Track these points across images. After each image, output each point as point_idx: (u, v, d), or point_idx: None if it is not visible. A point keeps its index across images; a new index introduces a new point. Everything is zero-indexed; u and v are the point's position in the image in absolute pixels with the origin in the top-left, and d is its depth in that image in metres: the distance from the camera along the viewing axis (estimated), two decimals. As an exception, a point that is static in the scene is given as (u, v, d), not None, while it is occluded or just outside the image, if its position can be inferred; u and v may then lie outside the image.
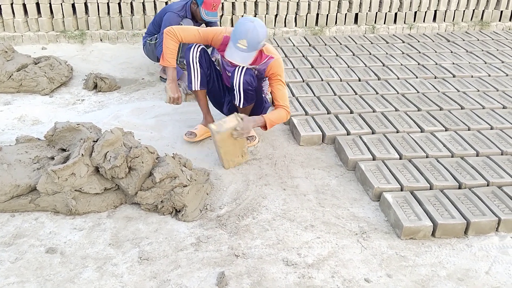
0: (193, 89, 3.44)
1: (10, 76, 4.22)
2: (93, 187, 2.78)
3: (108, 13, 5.52)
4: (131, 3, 5.50)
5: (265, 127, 3.26)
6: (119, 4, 5.50)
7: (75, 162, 2.72)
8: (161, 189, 2.78)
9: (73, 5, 5.47)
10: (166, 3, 5.60)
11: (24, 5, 5.37)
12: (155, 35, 4.48)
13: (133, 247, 2.54)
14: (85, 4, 5.47)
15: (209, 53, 3.53)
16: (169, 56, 3.33)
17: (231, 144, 3.16)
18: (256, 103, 3.41)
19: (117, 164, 2.73)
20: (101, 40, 5.56)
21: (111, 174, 2.77)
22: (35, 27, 5.46)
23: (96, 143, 2.82)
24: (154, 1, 5.55)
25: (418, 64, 4.97)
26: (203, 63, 3.38)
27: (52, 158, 2.92)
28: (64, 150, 3.00)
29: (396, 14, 6.12)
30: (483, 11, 6.33)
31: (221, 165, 3.28)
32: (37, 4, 5.40)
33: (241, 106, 3.32)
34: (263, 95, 3.52)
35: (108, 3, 5.47)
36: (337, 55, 5.14)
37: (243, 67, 3.20)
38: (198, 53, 3.34)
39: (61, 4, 5.40)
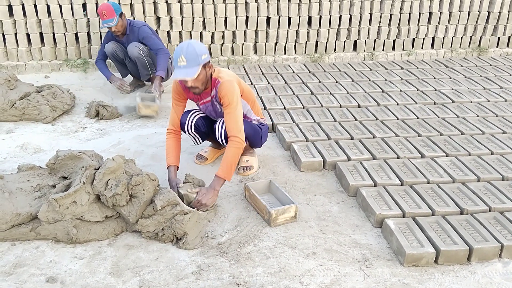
0: (197, 144, 3.59)
1: (13, 105, 4.26)
2: (94, 215, 2.77)
3: (111, 42, 5.60)
4: (133, 32, 5.58)
5: (226, 180, 3.10)
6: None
7: (77, 190, 2.72)
8: (162, 217, 2.78)
9: (76, 35, 5.56)
10: (168, 32, 5.70)
11: (27, 34, 5.46)
12: None
13: (134, 276, 2.52)
14: (88, 33, 5.57)
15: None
16: (169, 155, 3.30)
17: None
18: (250, 135, 3.40)
19: (118, 192, 2.73)
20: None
21: (112, 202, 2.77)
22: (38, 56, 5.54)
23: (98, 171, 2.83)
24: (156, 31, 5.63)
25: (417, 90, 5.02)
26: (199, 128, 3.44)
27: (54, 186, 2.92)
28: (65, 178, 3.01)
29: (394, 41, 6.21)
30: (481, 37, 6.42)
31: (223, 192, 3.28)
32: (41, 34, 5.50)
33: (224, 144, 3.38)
34: (253, 124, 3.46)
35: (110, 32, 5.55)
36: (336, 82, 5.19)
37: (221, 121, 3.27)
38: (193, 124, 3.41)
39: (64, 33, 5.49)
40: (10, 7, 5.34)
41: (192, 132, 3.45)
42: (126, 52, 4.82)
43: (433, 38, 6.32)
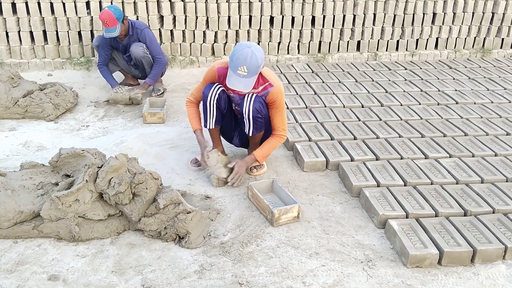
0: (208, 127, 3.44)
1: (16, 102, 4.26)
2: (97, 213, 2.77)
3: (114, 40, 5.60)
4: (137, 31, 5.57)
5: (258, 161, 3.42)
6: (124, 31, 5.57)
7: (79, 188, 2.72)
8: (164, 216, 2.77)
9: (79, 33, 5.55)
10: (171, 31, 5.69)
11: (31, 32, 5.46)
12: None
13: (136, 275, 2.51)
14: (91, 31, 5.55)
15: None
16: (193, 121, 3.51)
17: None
18: (266, 131, 3.42)
19: (121, 190, 2.73)
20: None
21: (115, 200, 2.76)
22: (41, 54, 5.53)
23: (101, 169, 2.82)
24: (159, 29, 5.63)
25: (421, 90, 5.00)
26: (221, 103, 3.34)
27: (56, 184, 2.92)
28: (68, 176, 3.01)
29: (398, 41, 6.19)
30: (485, 38, 6.39)
31: (226, 191, 3.28)
32: (44, 32, 5.49)
33: (250, 134, 3.33)
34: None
35: (113, 31, 5.54)
36: (340, 82, 5.18)
37: (252, 94, 3.23)
38: (216, 95, 3.31)
39: (68, 31, 5.48)
40: (13, 5, 5.33)
41: (213, 105, 3.34)
42: (119, 55, 4.83)
43: (437, 39, 6.30)
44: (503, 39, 6.41)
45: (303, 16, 5.81)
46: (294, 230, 2.91)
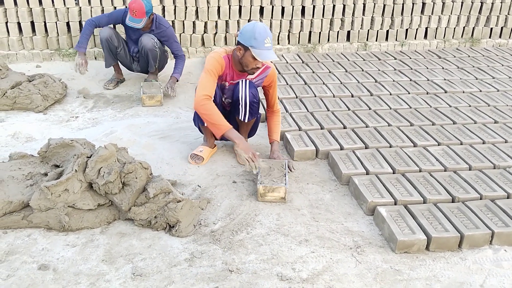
0: (206, 124, 3.33)
1: (4, 94, 4.23)
2: (87, 203, 2.77)
3: (103, 31, 5.56)
4: (126, 22, 5.54)
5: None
6: (113, 22, 5.54)
7: (69, 178, 2.71)
8: (154, 205, 2.78)
9: (67, 24, 5.51)
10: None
11: (18, 23, 5.41)
12: None
13: (127, 263, 2.52)
14: (80, 22, 5.51)
15: None
16: (220, 119, 3.14)
17: None
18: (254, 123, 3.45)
19: (110, 180, 2.72)
20: (95, 58, 5.59)
21: (105, 189, 2.76)
22: (29, 45, 5.49)
23: (90, 159, 2.81)
24: (148, 20, 5.59)
25: (410, 80, 5.03)
26: (216, 98, 3.27)
27: (46, 175, 2.91)
28: (57, 166, 3.00)
29: (387, 31, 6.21)
30: (473, 28, 6.43)
31: (216, 181, 3.29)
32: (32, 23, 5.44)
33: (246, 120, 3.34)
34: None
35: (102, 22, 5.51)
36: (330, 72, 5.19)
37: (246, 80, 3.25)
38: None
39: (56, 22, 5.44)
40: (0, -4, 5.29)
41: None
42: (122, 42, 4.76)
43: (426, 28, 6.33)
44: (491, 28, 6.45)
45: (293, 6, 5.81)
46: (284, 218, 2.93)
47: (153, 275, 2.44)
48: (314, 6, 5.86)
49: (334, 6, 5.92)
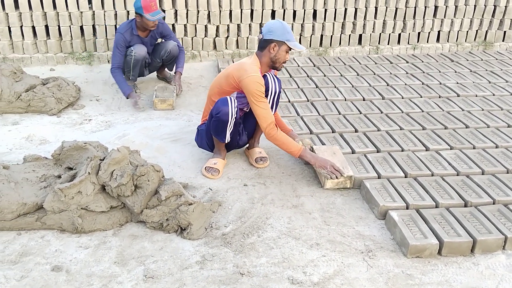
0: (226, 141, 3.38)
1: (19, 97, 4.28)
2: (99, 205, 2.79)
3: (116, 35, 5.62)
4: (138, 25, 5.59)
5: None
6: (126, 26, 5.59)
7: (82, 181, 2.74)
8: (166, 207, 2.79)
9: (81, 28, 5.57)
10: (173, 25, 5.69)
11: (33, 27, 5.48)
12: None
13: (138, 265, 2.54)
14: (93, 26, 5.57)
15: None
16: (292, 145, 3.29)
17: None
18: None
19: (123, 182, 2.75)
20: (108, 61, 5.64)
21: (117, 192, 2.79)
22: (43, 49, 5.56)
23: (103, 161, 2.84)
24: (160, 23, 5.63)
25: (422, 83, 5.01)
26: (237, 119, 3.33)
27: (59, 177, 2.94)
28: (71, 168, 3.03)
29: (399, 35, 6.19)
30: (487, 31, 6.38)
31: (227, 184, 3.30)
32: (46, 27, 5.51)
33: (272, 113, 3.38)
34: None
35: (115, 26, 5.56)
36: (341, 75, 5.18)
37: (271, 74, 3.37)
38: (235, 108, 3.25)
39: (70, 26, 5.50)
40: (16, 0, 5.35)
41: (233, 119, 3.27)
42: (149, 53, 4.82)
43: (439, 32, 6.30)
44: (505, 32, 6.40)
45: (304, 10, 5.81)
46: (295, 222, 2.93)
47: (164, 277, 2.46)
48: (325, 10, 5.86)
49: (346, 9, 5.92)
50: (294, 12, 5.82)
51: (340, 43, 6.11)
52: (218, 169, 3.41)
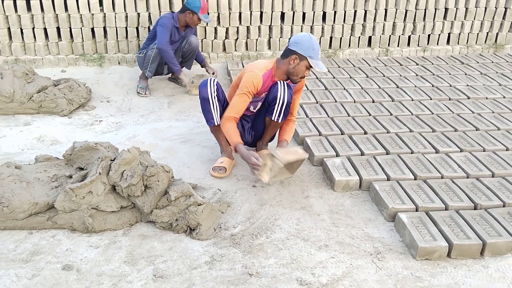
0: (215, 124, 3.40)
1: (31, 98, 4.33)
2: (110, 205, 2.82)
3: (126, 37, 5.66)
4: (149, 27, 5.63)
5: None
6: (137, 28, 5.63)
7: (93, 181, 2.77)
8: (176, 208, 2.81)
9: (92, 30, 5.62)
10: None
11: (45, 29, 5.53)
12: (145, 49, 4.91)
13: (148, 265, 2.56)
14: (104, 28, 5.62)
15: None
16: (234, 136, 3.27)
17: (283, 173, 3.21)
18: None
19: (133, 183, 2.77)
20: (119, 63, 5.69)
21: (128, 192, 2.81)
22: (55, 50, 5.61)
23: (114, 162, 2.87)
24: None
25: (432, 86, 4.99)
26: (220, 95, 3.39)
27: (70, 177, 2.97)
28: (82, 169, 3.06)
29: (409, 37, 6.17)
30: (497, 33, 6.35)
31: (236, 185, 3.31)
32: (58, 29, 5.57)
33: (279, 121, 3.37)
34: None
35: (126, 28, 5.61)
36: (350, 77, 5.18)
37: (283, 82, 3.31)
38: (215, 86, 3.35)
39: (81, 28, 5.55)
40: (28, 2, 5.41)
41: (214, 97, 3.35)
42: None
43: (449, 34, 6.27)
44: (516, 34, 6.36)
45: (314, 12, 5.82)
46: (303, 223, 2.94)
47: (173, 277, 2.48)
48: (335, 12, 5.86)
49: (355, 11, 5.92)
50: (304, 14, 5.83)
51: (349, 45, 6.11)
52: (225, 167, 3.44)
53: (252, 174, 3.22)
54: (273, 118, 3.35)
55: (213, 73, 5.14)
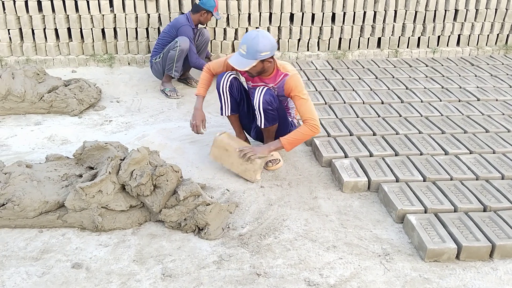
0: (224, 115, 3.58)
1: (41, 98, 4.37)
2: (119, 204, 2.84)
3: (136, 37, 5.69)
4: (158, 28, 5.66)
5: (284, 147, 3.29)
6: (146, 29, 5.67)
7: (102, 180, 2.79)
8: (184, 207, 2.83)
9: (102, 30, 5.66)
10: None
11: (56, 30, 5.59)
12: (160, 54, 4.91)
13: (157, 264, 2.57)
14: (114, 29, 5.66)
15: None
16: (200, 86, 3.60)
17: (227, 156, 3.41)
18: (281, 126, 3.45)
19: (142, 182, 2.79)
20: (129, 63, 5.72)
21: (137, 191, 2.83)
22: (66, 51, 5.66)
23: (123, 161, 2.89)
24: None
25: (442, 87, 4.97)
26: (233, 91, 3.46)
27: (80, 176, 3.00)
28: (92, 168, 3.09)
29: (419, 38, 6.15)
30: (508, 35, 6.30)
31: (244, 185, 3.32)
32: (68, 29, 5.61)
33: (262, 127, 3.36)
34: (290, 118, 3.56)
35: (136, 29, 5.64)
36: (359, 79, 5.17)
37: (264, 87, 3.28)
38: (228, 82, 3.44)
39: (91, 29, 5.59)
40: (39, 3, 5.47)
41: (225, 91, 3.46)
42: None
43: (459, 35, 6.24)
44: (527, 35, 6.32)
45: (323, 13, 5.82)
46: (312, 224, 2.94)
47: (182, 276, 2.49)
48: (344, 13, 5.86)
49: (365, 12, 5.91)
50: (313, 15, 5.83)
51: (358, 46, 6.10)
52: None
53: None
54: (258, 124, 3.39)
55: None
